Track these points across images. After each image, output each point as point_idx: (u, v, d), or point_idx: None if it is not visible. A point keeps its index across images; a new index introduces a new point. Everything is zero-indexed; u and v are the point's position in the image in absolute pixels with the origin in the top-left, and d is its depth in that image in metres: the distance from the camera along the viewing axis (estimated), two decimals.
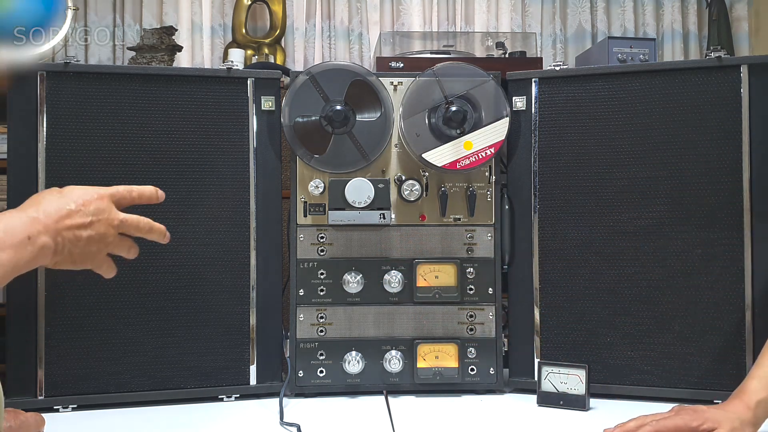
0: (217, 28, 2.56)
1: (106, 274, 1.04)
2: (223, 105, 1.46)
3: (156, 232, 1.07)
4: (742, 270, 1.37)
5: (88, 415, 1.36)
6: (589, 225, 1.46)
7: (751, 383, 1.14)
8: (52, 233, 0.93)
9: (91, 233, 0.97)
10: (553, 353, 1.47)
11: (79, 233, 0.96)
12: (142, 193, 1.07)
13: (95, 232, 0.98)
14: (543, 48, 2.63)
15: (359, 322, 1.48)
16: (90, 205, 0.98)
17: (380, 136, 1.46)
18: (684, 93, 1.41)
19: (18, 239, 0.89)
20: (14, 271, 0.90)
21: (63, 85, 1.39)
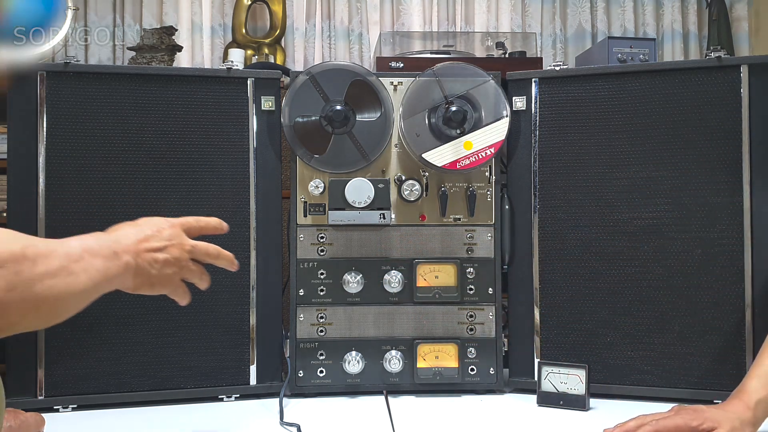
0: (217, 28, 2.56)
1: (182, 299, 1.09)
2: (223, 105, 1.46)
3: (224, 259, 1.12)
4: (742, 270, 1.37)
5: (88, 415, 1.36)
6: (589, 225, 1.46)
7: (750, 383, 1.14)
8: (133, 254, 0.98)
9: (167, 256, 1.02)
10: (553, 353, 1.47)
11: (156, 255, 1.01)
12: (208, 223, 1.13)
13: (170, 255, 1.03)
14: (543, 48, 2.63)
15: (359, 322, 1.48)
16: (163, 231, 1.04)
17: (380, 136, 1.46)
18: (684, 93, 1.41)
19: (106, 252, 0.93)
20: (103, 282, 0.93)
21: (63, 85, 1.39)
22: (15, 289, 0.77)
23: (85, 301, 0.92)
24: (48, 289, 0.81)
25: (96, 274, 0.91)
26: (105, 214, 1.36)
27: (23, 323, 0.81)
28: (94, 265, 0.90)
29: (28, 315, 0.80)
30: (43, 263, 0.81)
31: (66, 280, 0.84)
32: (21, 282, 0.77)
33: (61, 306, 0.87)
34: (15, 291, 0.77)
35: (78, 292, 0.88)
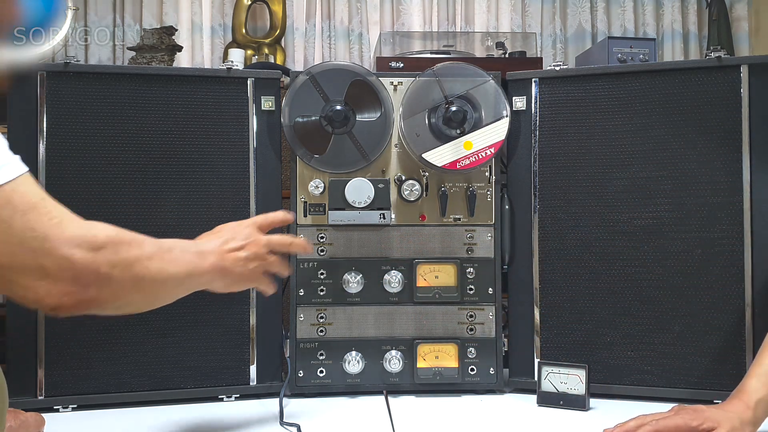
0: (217, 28, 2.56)
1: (267, 290, 1.20)
2: (223, 105, 1.46)
3: (297, 246, 1.25)
4: (742, 270, 1.37)
5: (88, 415, 1.36)
6: (589, 225, 1.46)
7: (750, 382, 1.14)
8: (218, 256, 1.08)
9: (247, 254, 1.12)
10: (553, 353, 1.47)
11: (238, 255, 1.11)
12: (275, 217, 1.23)
13: (250, 252, 1.12)
14: (543, 48, 2.63)
15: (359, 322, 1.48)
16: (240, 232, 1.14)
17: (380, 136, 1.46)
18: (684, 93, 1.41)
19: (193, 251, 1.05)
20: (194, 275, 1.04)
21: (63, 85, 1.39)
22: (117, 266, 0.87)
23: (178, 289, 1.03)
24: (145, 269, 0.92)
25: (185, 266, 1.01)
26: (105, 214, 1.34)
27: (128, 301, 0.93)
28: (183, 258, 1.01)
29: (130, 292, 0.92)
30: (138, 247, 0.93)
31: (159, 265, 0.95)
32: (121, 261, 0.88)
33: (159, 288, 0.98)
34: (117, 268, 0.87)
35: (171, 276, 0.98)
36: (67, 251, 0.82)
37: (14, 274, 0.81)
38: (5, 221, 0.79)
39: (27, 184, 0.83)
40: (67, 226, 0.84)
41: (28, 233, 0.80)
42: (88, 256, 0.84)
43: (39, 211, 0.82)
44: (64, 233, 0.82)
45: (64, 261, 0.82)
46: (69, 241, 0.82)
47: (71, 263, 0.82)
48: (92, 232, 0.86)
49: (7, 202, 0.80)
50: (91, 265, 0.84)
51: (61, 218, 0.84)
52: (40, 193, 0.84)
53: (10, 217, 0.80)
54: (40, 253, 0.81)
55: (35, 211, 0.82)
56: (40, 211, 0.82)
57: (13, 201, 0.80)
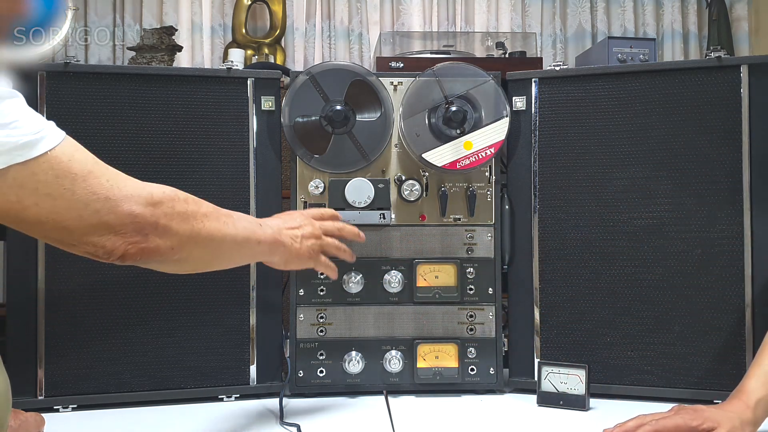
0: (217, 28, 2.56)
1: (331, 273, 1.30)
2: (223, 105, 1.46)
3: (347, 232, 1.32)
4: (742, 270, 1.37)
5: (88, 415, 1.36)
6: (589, 225, 1.46)
7: (749, 382, 1.14)
8: (276, 230, 1.17)
9: (303, 232, 1.22)
10: (553, 353, 1.47)
11: (295, 232, 1.21)
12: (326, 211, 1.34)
13: (306, 231, 1.23)
14: (543, 48, 2.63)
15: (359, 322, 1.48)
16: (295, 217, 1.25)
17: (380, 136, 1.46)
18: (684, 93, 1.41)
19: (252, 220, 1.15)
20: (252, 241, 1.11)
21: (63, 85, 1.39)
22: (174, 218, 0.96)
23: (235, 252, 1.10)
24: (201, 224, 1.00)
25: (243, 231, 1.09)
26: None
27: (188, 256, 1.00)
28: (241, 223, 1.09)
29: (188, 245, 0.99)
30: (195, 204, 1.01)
31: (216, 224, 1.03)
32: (178, 214, 0.96)
33: (216, 246, 1.04)
34: (174, 220, 0.96)
35: (228, 236, 1.05)
36: (127, 207, 0.90)
37: (82, 235, 0.89)
38: (69, 189, 0.87)
39: (77, 150, 0.90)
40: (124, 185, 0.91)
41: (92, 197, 0.88)
42: (147, 210, 0.92)
43: (96, 175, 0.89)
44: (122, 191, 0.90)
45: (126, 216, 0.90)
46: (128, 198, 0.91)
47: (132, 216, 0.91)
48: (147, 189, 0.94)
49: (68, 171, 0.87)
50: (150, 218, 0.92)
51: (116, 178, 0.91)
52: (92, 158, 0.91)
53: (72, 185, 0.87)
54: (104, 212, 0.89)
55: (92, 176, 0.89)
56: (96, 174, 0.89)
57: (73, 169, 0.87)
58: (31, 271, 1.37)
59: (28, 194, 0.85)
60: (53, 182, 0.86)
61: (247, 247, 1.12)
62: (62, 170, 0.86)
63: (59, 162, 0.86)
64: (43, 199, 0.86)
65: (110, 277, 1.39)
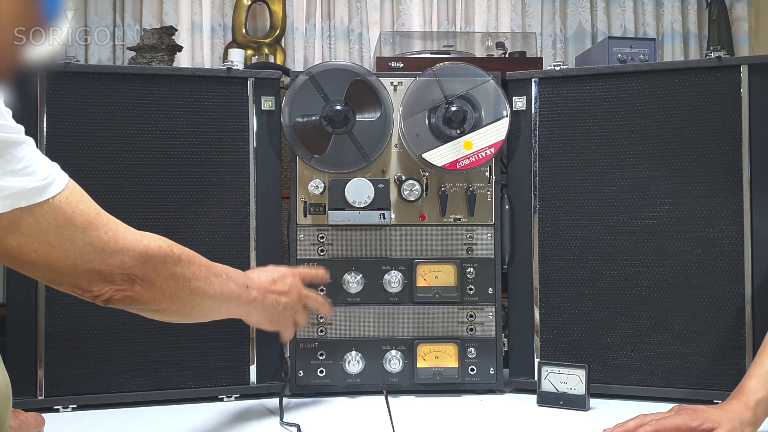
0: (217, 28, 2.56)
1: (288, 337, 1.32)
2: (223, 105, 1.46)
3: (326, 308, 1.38)
4: (742, 270, 1.37)
5: (88, 415, 1.36)
6: (589, 225, 1.46)
7: (749, 383, 1.14)
8: (262, 293, 1.19)
9: (287, 300, 1.24)
10: (553, 353, 1.47)
11: (278, 298, 1.22)
12: (317, 273, 1.37)
13: (289, 299, 1.24)
14: (543, 48, 2.63)
15: (359, 322, 1.48)
16: (286, 279, 1.25)
17: (380, 136, 1.46)
18: (684, 93, 1.41)
19: (240, 282, 1.15)
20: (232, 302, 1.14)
21: (63, 85, 1.39)
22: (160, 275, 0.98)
23: (215, 311, 1.12)
24: (187, 284, 1.03)
25: (227, 293, 1.11)
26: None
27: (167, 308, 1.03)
28: (228, 286, 1.11)
29: (170, 301, 1.02)
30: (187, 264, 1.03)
31: (203, 285, 1.06)
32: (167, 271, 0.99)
33: (197, 305, 1.07)
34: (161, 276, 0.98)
35: (210, 299, 1.08)
36: (119, 259, 0.93)
37: (72, 278, 0.92)
38: (68, 239, 0.89)
39: (81, 200, 0.92)
40: (122, 237, 0.94)
41: (88, 247, 0.90)
42: (138, 264, 0.95)
43: (96, 227, 0.92)
44: (118, 244, 0.93)
45: (117, 267, 0.93)
46: (122, 251, 0.93)
47: (122, 269, 0.93)
48: (143, 243, 0.96)
49: (70, 222, 0.89)
50: (139, 272, 0.95)
51: (116, 230, 0.94)
52: (94, 208, 0.93)
53: (72, 236, 0.89)
54: (97, 262, 0.91)
55: (93, 227, 0.91)
56: (97, 226, 0.92)
57: (75, 221, 0.89)
58: None
59: (30, 241, 0.86)
60: (54, 231, 0.87)
61: (226, 308, 1.14)
62: (65, 220, 0.88)
63: (63, 213, 0.88)
64: (43, 247, 0.87)
65: None
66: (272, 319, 1.23)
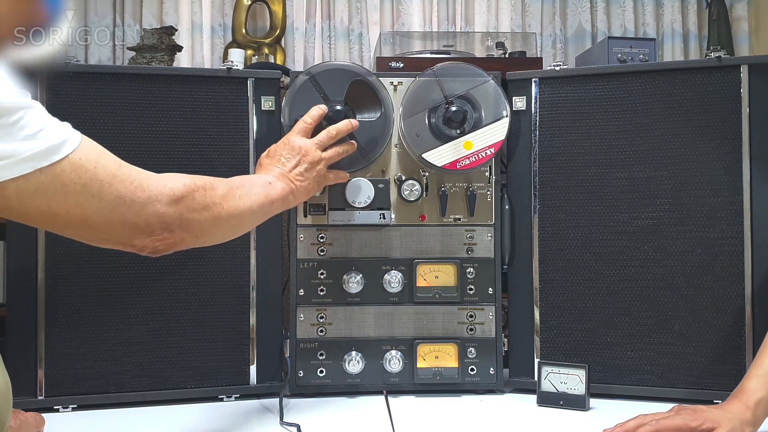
0: (217, 28, 2.55)
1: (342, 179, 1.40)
2: (223, 105, 1.46)
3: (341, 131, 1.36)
4: (742, 270, 1.37)
5: (88, 415, 1.36)
6: (589, 225, 1.46)
7: (749, 383, 1.14)
8: (284, 179, 1.25)
9: (306, 165, 1.28)
10: (553, 353, 1.47)
11: (298, 171, 1.27)
12: (340, 130, 1.36)
13: (307, 163, 1.28)
14: (543, 48, 2.63)
15: (359, 322, 1.48)
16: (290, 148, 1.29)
17: (380, 136, 1.46)
18: (684, 93, 1.41)
19: (262, 182, 1.20)
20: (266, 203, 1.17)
21: (63, 85, 1.39)
22: (195, 210, 1.00)
23: (254, 218, 1.17)
24: (221, 209, 1.05)
25: (258, 199, 1.15)
26: None
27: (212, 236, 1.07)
28: (254, 190, 1.15)
29: (212, 229, 1.05)
30: (212, 190, 1.05)
31: (233, 202, 1.08)
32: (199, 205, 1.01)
33: (236, 222, 1.10)
34: (196, 212, 1.00)
35: (247, 211, 1.11)
36: (152, 208, 0.94)
37: (111, 234, 0.93)
38: (96, 196, 0.90)
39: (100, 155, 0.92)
40: (147, 184, 0.95)
41: (118, 201, 0.91)
42: (170, 208, 0.96)
43: (121, 179, 0.92)
44: (146, 192, 0.94)
45: (152, 216, 0.94)
46: (152, 200, 0.94)
47: (158, 216, 0.95)
48: (169, 185, 0.97)
49: (94, 178, 0.89)
50: (174, 214, 0.97)
51: (140, 179, 0.95)
52: (114, 160, 0.94)
53: (99, 191, 0.90)
54: (130, 215, 0.92)
55: (117, 180, 0.92)
56: (121, 178, 0.93)
57: (99, 176, 0.90)
58: (31, 271, 1.37)
59: (59, 204, 0.87)
60: (81, 191, 0.88)
61: (264, 211, 1.18)
62: (89, 178, 0.89)
63: (86, 170, 0.89)
64: (73, 207, 0.89)
65: (111, 278, 1.39)
66: (308, 191, 1.29)
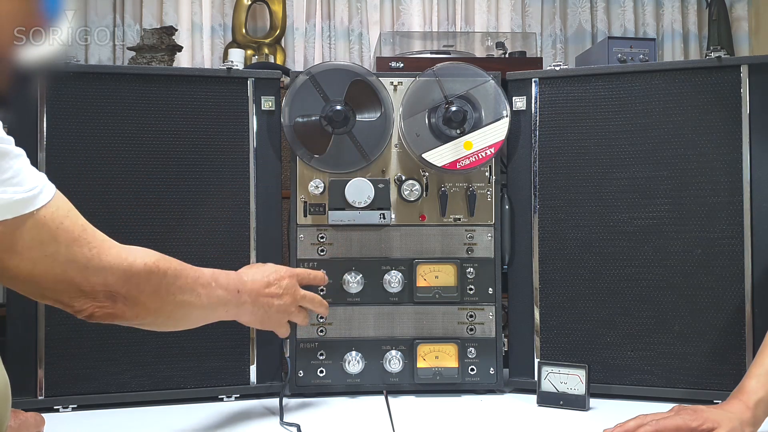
0: (217, 28, 2.56)
1: (284, 335, 1.32)
2: (223, 105, 1.46)
3: (323, 307, 1.35)
4: (742, 270, 1.37)
5: (88, 415, 1.36)
6: (589, 225, 1.46)
7: (749, 382, 1.14)
8: (254, 296, 1.19)
9: (280, 303, 1.23)
10: (553, 353, 1.47)
11: (272, 301, 1.22)
12: (316, 276, 1.36)
13: (283, 302, 1.24)
14: (543, 48, 2.63)
15: (359, 322, 1.48)
16: (283, 281, 1.24)
17: (380, 136, 1.46)
18: (684, 93, 1.42)
19: (231, 288, 1.15)
20: (220, 308, 1.13)
21: (63, 85, 1.39)
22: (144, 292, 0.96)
23: (203, 320, 1.12)
24: (172, 299, 1.02)
25: (217, 301, 1.11)
26: (105, 214, 1.36)
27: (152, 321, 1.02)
28: (216, 293, 1.11)
29: (156, 315, 1.01)
30: (173, 278, 1.01)
31: (189, 297, 1.05)
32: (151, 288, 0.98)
33: (182, 317, 1.07)
34: (144, 294, 0.97)
35: (198, 309, 1.08)
36: (102, 278, 0.91)
37: (54, 293, 0.91)
38: (51, 255, 0.87)
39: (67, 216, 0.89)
40: (106, 254, 0.92)
41: (71, 264, 0.89)
42: (120, 282, 0.93)
43: (80, 243, 0.89)
44: (101, 262, 0.91)
45: (99, 285, 0.91)
46: (105, 270, 0.91)
47: (105, 286, 0.92)
48: (128, 260, 0.94)
49: (53, 238, 0.87)
50: (122, 289, 0.94)
51: (100, 247, 0.92)
52: (80, 224, 0.91)
53: (55, 252, 0.87)
54: (79, 279, 0.90)
55: (77, 243, 0.89)
56: (81, 243, 0.90)
57: (59, 237, 0.87)
58: None
59: (11, 256, 0.85)
60: (37, 247, 0.86)
61: (215, 315, 1.14)
62: (48, 236, 0.86)
63: (47, 228, 0.86)
64: (25, 263, 0.86)
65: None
66: (263, 320, 1.23)
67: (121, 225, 1.37)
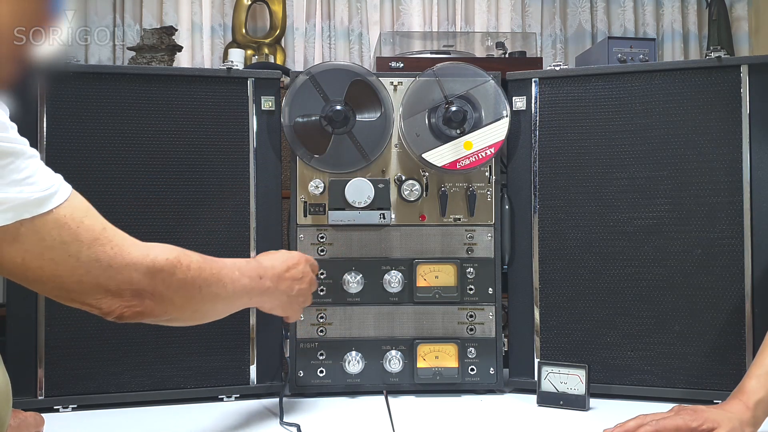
0: (217, 28, 2.56)
1: (295, 319, 1.34)
2: (223, 105, 1.46)
3: None
4: (742, 270, 1.37)
5: (88, 415, 1.36)
6: (589, 225, 1.46)
7: (749, 383, 1.14)
8: (275, 281, 1.18)
9: (300, 287, 1.23)
10: (553, 353, 1.47)
11: (292, 285, 1.21)
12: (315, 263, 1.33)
13: (303, 286, 1.24)
14: (543, 48, 2.63)
15: (359, 322, 1.48)
16: (299, 265, 1.24)
17: (380, 136, 1.46)
18: (684, 93, 1.42)
19: (253, 274, 1.13)
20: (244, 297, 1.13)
21: (63, 85, 1.39)
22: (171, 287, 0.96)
23: (229, 309, 1.12)
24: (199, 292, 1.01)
25: (242, 290, 1.10)
26: (105, 214, 1.33)
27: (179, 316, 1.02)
28: (241, 282, 1.10)
29: (183, 309, 1.01)
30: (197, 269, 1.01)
31: (215, 290, 1.04)
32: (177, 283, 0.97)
33: (210, 309, 1.06)
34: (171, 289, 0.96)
35: (225, 301, 1.08)
36: (127, 275, 0.91)
37: (81, 295, 0.90)
38: (73, 255, 0.87)
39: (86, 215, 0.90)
40: (128, 252, 0.92)
41: (94, 263, 0.88)
42: (146, 278, 0.93)
43: (102, 242, 0.89)
44: (125, 259, 0.91)
45: (125, 283, 0.91)
46: (129, 267, 0.91)
47: (131, 284, 0.92)
48: (151, 256, 0.94)
49: (75, 237, 0.87)
50: (149, 286, 0.93)
51: (121, 245, 0.91)
52: (100, 223, 0.91)
53: (77, 251, 0.87)
54: (104, 278, 0.90)
55: (98, 243, 0.89)
56: (102, 241, 0.89)
57: (80, 236, 0.87)
58: None
59: (34, 257, 0.85)
60: (59, 247, 0.86)
61: (240, 303, 1.14)
62: (69, 236, 0.86)
63: (68, 229, 0.86)
64: (47, 263, 0.86)
65: None
66: (285, 306, 1.22)
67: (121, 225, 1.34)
